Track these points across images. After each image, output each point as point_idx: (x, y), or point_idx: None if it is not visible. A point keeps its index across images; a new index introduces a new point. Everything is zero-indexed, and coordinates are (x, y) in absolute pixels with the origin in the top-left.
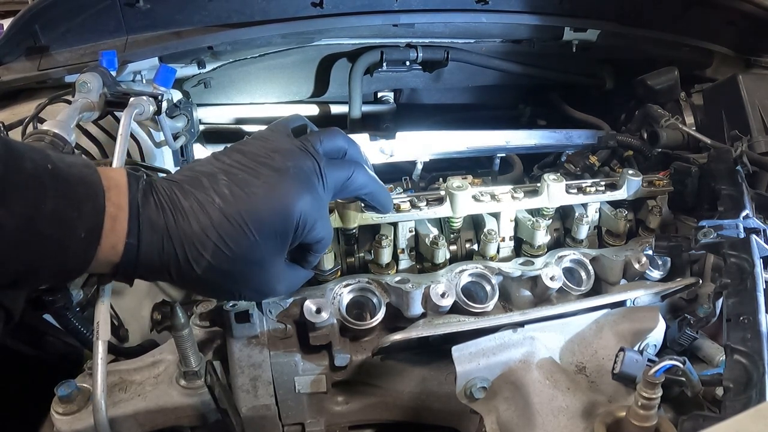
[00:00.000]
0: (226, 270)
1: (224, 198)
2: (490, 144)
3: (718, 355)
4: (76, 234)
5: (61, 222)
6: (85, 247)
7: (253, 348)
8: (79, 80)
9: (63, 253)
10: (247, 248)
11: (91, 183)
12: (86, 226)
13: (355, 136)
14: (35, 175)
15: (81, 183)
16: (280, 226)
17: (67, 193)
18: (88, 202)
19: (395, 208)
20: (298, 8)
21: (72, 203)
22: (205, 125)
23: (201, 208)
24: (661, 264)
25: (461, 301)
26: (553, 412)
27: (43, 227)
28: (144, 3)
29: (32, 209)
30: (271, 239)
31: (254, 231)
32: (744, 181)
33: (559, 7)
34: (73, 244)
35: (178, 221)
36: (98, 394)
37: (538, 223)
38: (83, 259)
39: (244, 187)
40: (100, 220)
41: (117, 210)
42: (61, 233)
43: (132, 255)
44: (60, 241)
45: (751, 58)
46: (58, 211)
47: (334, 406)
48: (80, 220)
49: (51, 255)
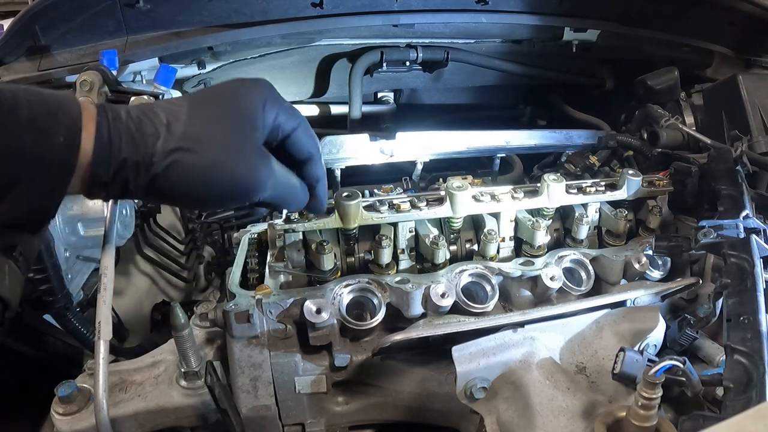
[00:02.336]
0: (203, 140)
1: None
2: (490, 144)
3: (718, 355)
4: (55, 140)
5: (39, 129)
6: (66, 152)
7: (253, 348)
8: (79, 78)
9: (43, 161)
10: (217, 122)
11: (64, 96)
12: (64, 132)
13: (355, 136)
14: (8, 90)
15: (54, 96)
16: (245, 102)
17: (42, 103)
18: (64, 110)
19: (395, 208)
20: (298, 8)
21: (48, 111)
22: None
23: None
24: (661, 264)
25: (461, 302)
26: (553, 412)
27: (21, 136)
28: (144, 3)
29: (8, 119)
30: (244, 109)
31: (221, 106)
32: (744, 181)
33: (559, 7)
34: (53, 151)
35: (152, 109)
36: (100, 394)
37: (538, 223)
38: (66, 167)
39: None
40: (77, 124)
41: (87, 122)
42: (40, 141)
43: (103, 143)
44: (39, 150)
45: (751, 58)
46: (35, 119)
47: (335, 407)
48: (58, 126)
49: (32, 164)
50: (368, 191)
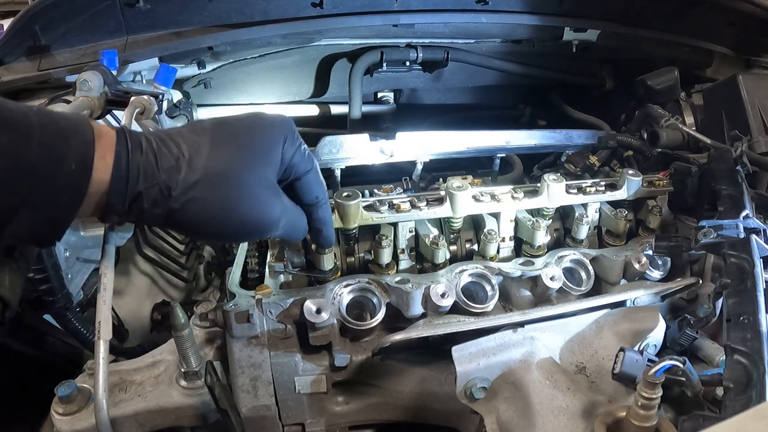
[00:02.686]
0: (222, 176)
1: (214, 123)
2: (490, 144)
3: (718, 355)
4: (66, 165)
5: (50, 154)
6: (77, 178)
7: (253, 348)
8: (79, 78)
9: (53, 186)
10: (239, 160)
11: (77, 119)
12: (76, 158)
13: (355, 136)
14: (20, 113)
15: (66, 119)
16: (271, 138)
17: (54, 128)
18: (77, 135)
19: (395, 208)
20: (298, 8)
21: (60, 136)
22: None
23: (192, 131)
24: (661, 264)
25: (461, 302)
26: (553, 412)
27: (31, 160)
28: (144, 3)
29: (20, 142)
30: (263, 149)
31: (244, 140)
32: (744, 181)
33: (559, 7)
34: (63, 177)
35: (170, 141)
36: (100, 394)
37: (538, 223)
38: (76, 193)
39: (230, 119)
40: (90, 151)
41: (102, 135)
42: (51, 165)
43: (121, 174)
44: (50, 173)
45: (751, 58)
46: (46, 144)
47: (334, 407)
48: (69, 152)
49: (42, 188)
50: (368, 191)
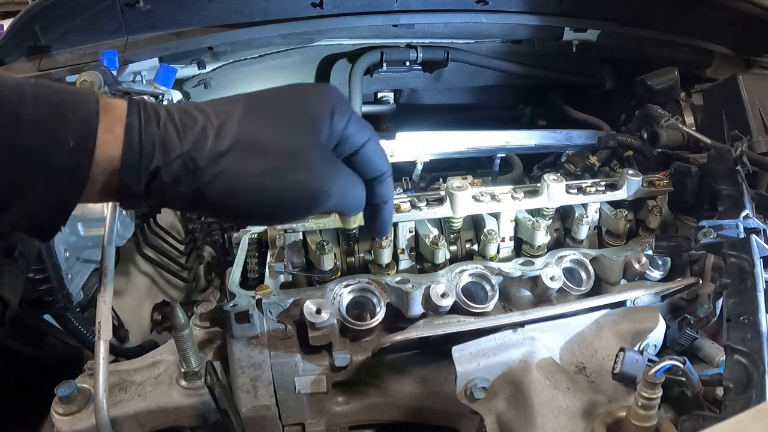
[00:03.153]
0: (256, 145)
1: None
2: (490, 144)
3: (718, 355)
4: (64, 144)
5: (44, 131)
6: (77, 159)
7: (253, 348)
8: (79, 78)
9: (51, 167)
10: (279, 125)
11: (80, 91)
12: (75, 135)
13: None
14: (14, 86)
15: (67, 92)
16: (311, 110)
17: (50, 100)
18: (77, 109)
19: (395, 208)
20: (298, 9)
21: (56, 110)
22: None
23: (221, 101)
24: (661, 264)
25: (461, 302)
26: (553, 412)
27: (23, 137)
28: (144, 3)
29: (10, 119)
30: (302, 122)
31: (282, 112)
32: (744, 181)
33: (559, 7)
34: (61, 155)
35: (195, 110)
36: (100, 394)
37: (538, 223)
38: (77, 174)
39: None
40: (92, 125)
41: (109, 106)
42: (46, 143)
43: (134, 148)
44: (45, 153)
45: (751, 58)
46: (41, 119)
47: (335, 407)
48: (68, 128)
49: (38, 169)
50: None
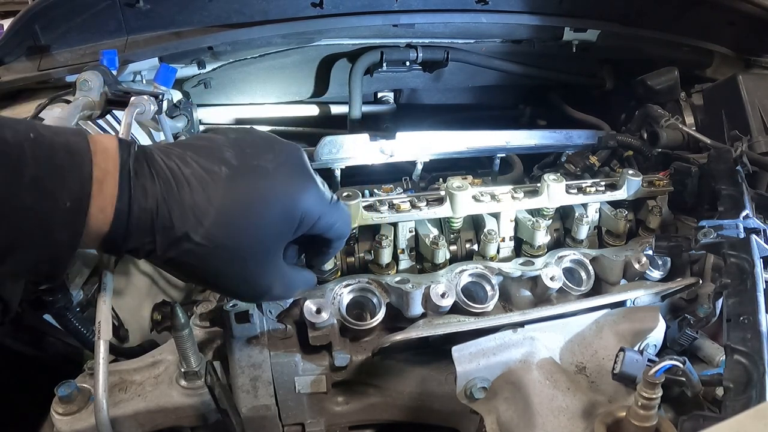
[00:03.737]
0: (222, 248)
1: (231, 168)
2: (490, 144)
3: (718, 355)
4: (60, 204)
5: (42, 191)
6: (72, 217)
7: (253, 348)
8: (79, 78)
9: (47, 225)
10: (249, 229)
11: (77, 150)
12: (71, 196)
13: (355, 136)
14: (15, 144)
15: (65, 150)
16: (285, 212)
17: (49, 161)
18: (74, 171)
19: (395, 208)
20: (298, 8)
21: (55, 171)
22: (206, 125)
23: (205, 175)
24: (661, 264)
25: (461, 302)
26: (553, 412)
27: (23, 197)
28: (144, 3)
29: (11, 177)
30: (275, 223)
31: (259, 211)
32: (744, 181)
33: (559, 7)
34: (57, 215)
35: (179, 188)
36: (100, 394)
37: (538, 223)
38: (72, 232)
39: (252, 160)
40: (86, 188)
41: (104, 174)
42: (44, 203)
43: (121, 222)
44: (42, 213)
45: (751, 58)
46: (39, 180)
47: (334, 407)
48: (64, 190)
49: (35, 228)
50: (368, 191)
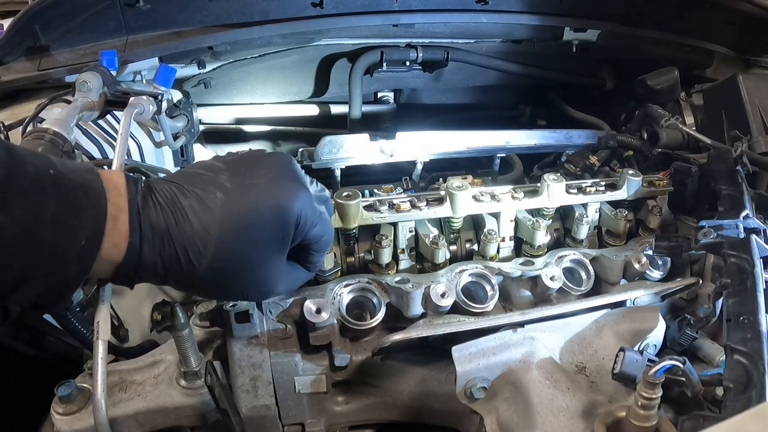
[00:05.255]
0: (227, 269)
1: (226, 191)
2: (490, 144)
3: (718, 355)
4: (77, 241)
5: (61, 229)
6: (85, 253)
7: (253, 348)
8: (79, 79)
9: (62, 259)
10: (249, 245)
11: (93, 189)
12: (87, 234)
13: (355, 136)
14: (37, 180)
15: (82, 189)
16: (281, 222)
17: (68, 200)
18: (89, 210)
19: (395, 208)
20: (298, 8)
21: (73, 210)
22: (205, 125)
23: (201, 205)
24: (661, 264)
25: (461, 301)
26: (553, 412)
27: (43, 233)
28: (144, 3)
29: (33, 215)
30: (272, 236)
31: (257, 227)
32: (744, 181)
33: (559, 7)
34: (73, 251)
35: (179, 221)
36: (98, 394)
37: (538, 223)
38: (83, 266)
39: (246, 179)
40: (101, 227)
41: (117, 211)
42: (61, 240)
43: (134, 256)
44: (59, 248)
45: (751, 58)
46: (59, 218)
47: (334, 406)
48: (81, 228)
49: (50, 261)
50: (368, 191)
